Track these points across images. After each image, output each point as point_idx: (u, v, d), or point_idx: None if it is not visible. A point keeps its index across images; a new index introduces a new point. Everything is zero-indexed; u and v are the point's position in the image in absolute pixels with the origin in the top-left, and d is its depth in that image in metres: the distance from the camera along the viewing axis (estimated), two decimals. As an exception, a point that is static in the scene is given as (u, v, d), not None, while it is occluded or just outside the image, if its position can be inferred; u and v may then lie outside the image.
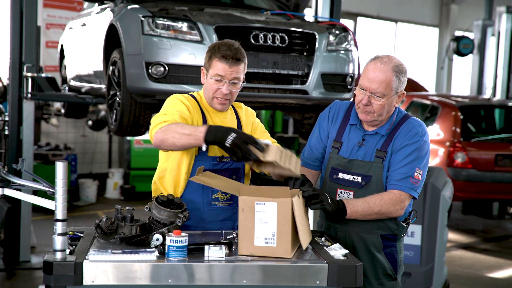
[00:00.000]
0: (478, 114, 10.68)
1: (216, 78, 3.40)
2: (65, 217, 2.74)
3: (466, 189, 9.28)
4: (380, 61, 3.33)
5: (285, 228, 2.88)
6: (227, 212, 3.54)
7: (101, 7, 7.00)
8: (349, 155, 3.47)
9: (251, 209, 2.91)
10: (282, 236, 2.89)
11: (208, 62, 3.44)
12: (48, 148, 11.04)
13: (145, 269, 2.72)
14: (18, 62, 7.17)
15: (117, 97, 6.07)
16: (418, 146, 3.38)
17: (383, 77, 3.30)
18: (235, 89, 3.46)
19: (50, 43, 11.83)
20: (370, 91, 3.32)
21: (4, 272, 7.05)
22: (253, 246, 2.91)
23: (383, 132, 3.44)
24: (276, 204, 2.89)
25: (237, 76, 3.43)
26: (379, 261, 3.47)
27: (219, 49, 3.41)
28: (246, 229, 2.92)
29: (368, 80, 3.32)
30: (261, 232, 2.90)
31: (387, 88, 3.31)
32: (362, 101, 3.35)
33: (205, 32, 5.62)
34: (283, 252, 2.89)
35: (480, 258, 8.52)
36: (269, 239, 2.90)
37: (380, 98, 3.32)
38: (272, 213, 2.89)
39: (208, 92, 3.48)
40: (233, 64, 3.40)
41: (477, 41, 14.80)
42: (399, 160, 3.37)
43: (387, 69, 3.31)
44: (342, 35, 6.23)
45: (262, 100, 5.92)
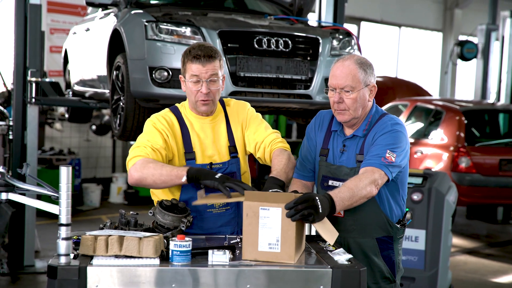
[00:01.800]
0: (482, 119, 10.66)
1: (192, 80, 3.41)
2: (69, 222, 2.74)
3: (470, 194, 9.26)
4: (342, 59, 3.41)
5: (289, 234, 2.87)
6: (224, 218, 3.54)
7: (104, 12, 7.02)
8: (335, 161, 3.48)
9: (255, 214, 2.90)
10: (286, 242, 2.88)
11: (183, 68, 3.47)
12: (52, 153, 11.05)
13: (149, 273, 2.72)
14: (22, 67, 7.19)
15: (121, 102, 6.08)
16: (389, 135, 3.35)
17: (348, 71, 3.35)
18: (214, 87, 3.45)
19: (54, 48, 11.86)
20: (339, 87, 3.36)
21: (8, 276, 7.05)
22: (257, 251, 2.90)
23: (360, 133, 3.45)
24: (281, 209, 2.88)
25: (214, 73, 3.42)
26: (376, 264, 3.47)
27: (190, 52, 3.43)
28: (250, 234, 2.91)
29: (335, 77, 3.38)
30: (265, 237, 2.89)
31: (354, 80, 3.35)
32: (334, 99, 3.39)
33: (209, 37, 5.63)
34: (286, 258, 2.88)
35: (485, 263, 8.50)
36: (273, 245, 2.89)
37: (349, 92, 3.36)
38: (277, 218, 2.88)
39: (190, 97, 3.49)
40: (206, 62, 3.39)
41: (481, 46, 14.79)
42: (375, 143, 3.36)
43: (349, 63, 3.37)
44: (346, 39, 6.23)
45: (266, 105, 5.93)
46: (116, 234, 2.81)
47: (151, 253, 2.77)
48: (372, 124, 3.44)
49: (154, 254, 2.77)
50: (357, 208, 3.32)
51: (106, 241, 2.79)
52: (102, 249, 2.79)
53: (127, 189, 11.92)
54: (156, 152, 3.36)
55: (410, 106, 10.76)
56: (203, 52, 3.39)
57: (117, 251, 2.78)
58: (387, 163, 3.28)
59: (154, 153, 3.36)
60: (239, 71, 5.67)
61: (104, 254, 2.79)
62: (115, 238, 2.78)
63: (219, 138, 3.57)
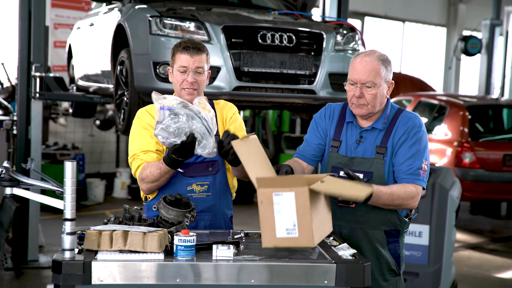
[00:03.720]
0: (486, 114, 10.65)
1: (180, 69, 3.54)
2: (74, 217, 2.75)
3: (474, 189, 9.26)
4: (364, 54, 3.43)
5: (306, 217, 2.83)
6: (204, 203, 3.57)
7: (109, 7, 7.02)
8: (348, 153, 3.50)
9: (269, 200, 2.87)
10: (303, 226, 2.84)
11: (172, 59, 3.59)
12: (56, 148, 11.07)
13: (153, 268, 2.73)
14: (26, 62, 7.19)
15: (124, 97, 6.08)
16: (418, 137, 3.43)
17: (371, 67, 3.38)
18: (199, 78, 3.56)
19: (58, 43, 11.86)
20: (361, 83, 3.38)
21: (12, 271, 7.07)
22: (276, 238, 2.87)
23: (379, 126, 3.48)
24: (294, 193, 2.85)
25: (200, 65, 3.54)
26: (383, 256, 3.49)
27: (180, 45, 3.57)
28: (267, 221, 2.89)
29: (357, 72, 3.39)
30: (282, 223, 2.86)
31: (377, 77, 3.38)
32: (355, 94, 3.41)
33: (213, 32, 5.63)
34: (306, 242, 2.85)
35: (488, 259, 8.50)
36: (290, 230, 2.86)
37: (371, 88, 3.39)
38: (291, 203, 2.85)
39: (176, 86, 3.60)
40: (194, 53, 3.53)
41: (485, 41, 14.77)
42: (404, 154, 3.40)
43: (372, 59, 3.39)
44: (350, 34, 6.22)
45: (270, 100, 5.93)
46: (121, 229, 2.82)
47: (156, 248, 2.78)
48: (391, 118, 3.49)
49: (158, 249, 2.78)
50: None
51: (111, 236, 2.79)
52: (107, 244, 2.79)
53: (131, 184, 11.93)
54: (148, 153, 3.55)
55: (414, 101, 10.75)
56: (192, 45, 3.54)
57: (121, 246, 2.78)
58: (424, 175, 3.39)
59: (147, 155, 3.55)
60: (243, 66, 5.67)
61: (109, 249, 2.79)
62: (120, 233, 2.79)
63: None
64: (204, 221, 3.59)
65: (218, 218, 3.65)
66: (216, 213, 3.63)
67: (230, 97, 5.70)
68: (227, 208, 3.70)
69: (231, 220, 3.73)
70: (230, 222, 3.72)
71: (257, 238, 3.28)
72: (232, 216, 3.76)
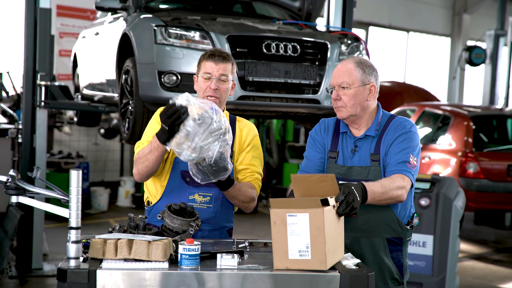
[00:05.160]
0: (490, 124, 10.64)
1: (204, 76, 3.56)
2: (79, 225, 2.75)
3: (478, 199, 9.25)
4: (342, 61, 3.59)
5: (319, 239, 2.81)
6: (204, 214, 3.56)
7: (114, 16, 7.05)
8: (345, 163, 3.52)
9: (283, 221, 2.85)
10: (316, 248, 2.82)
11: (198, 67, 3.63)
12: (61, 156, 11.09)
13: (158, 277, 2.73)
14: (31, 70, 7.22)
15: (129, 106, 6.10)
16: (407, 136, 3.45)
17: (345, 69, 3.48)
18: (223, 86, 3.58)
19: (63, 51, 11.91)
20: (337, 85, 3.48)
21: (16, 279, 7.08)
22: (288, 259, 2.85)
23: (372, 133, 3.50)
24: (308, 215, 2.82)
25: (224, 73, 3.57)
26: (386, 265, 3.49)
27: (206, 53, 3.63)
28: (279, 242, 2.86)
29: (333, 76, 3.52)
30: (294, 244, 2.84)
31: (351, 77, 3.45)
32: (332, 96, 3.50)
33: (218, 41, 5.65)
34: (318, 264, 2.82)
35: (493, 269, 8.48)
36: (303, 252, 2.84)
37: (346, 89, 3.45)
38: (305, 224, 2.83)
39: (199, 93, 3.62)
40: (219, 61, 3.57)
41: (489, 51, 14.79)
42: (393, 150, 3.43)
43: (348, 62, 3.51)
44: (354, 44, 6.24)
45: (274, 109, 5.94)
46: (125, 237, 2.83)
47: (160, 257, 2.78)
48: (383, 124, 3.52)
49: (163, 258, 2.78)
50: (370, 207, 3.36)
51: (116, 244, 2.80)
52: (112, 253, 2.80)
53: (135, 193, 11.94)
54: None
55: (418, 111, 10.76)
56: (218, 53, 3.59)
57: (126, 255, 2.79)
58: (412, 169, 3.39)
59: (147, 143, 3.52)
60: (247, 75, 5.69)
61: (113, 257, 2.80)
62: (124, 241, 2.80)
63: None
64: (202, 231, 3.58)
65: (216, 230, 3.65)
66: (214, 225, 3.63)
67: (235, 106, 5.71)
68: (227, 221, 3.70)
69: (229, 232, 3.73)
70: (228, 235, 3.72)
71: (261, 247, 3.28)
72: (232, 228, 3.76)
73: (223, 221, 3.67)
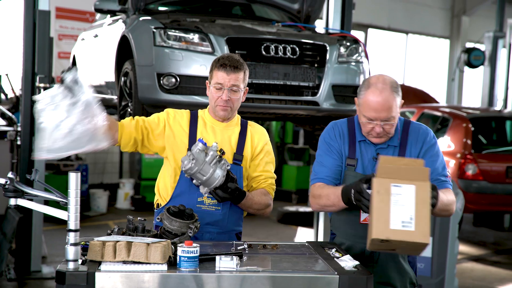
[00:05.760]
0: (489, 126, 10.65)
1: (216, 86, 3.59)
2: (78, 228, 2.75)
3: (477, 201, 9.25)
4: (377, 88, 3.33)
5: (424, 212, 2.79)
6: (212, 216, 3.58)
7: (113, 19, 7.05)
8: (366, 171, 3.46)
9: (386, 191, 2.83)
10: (420, 220, 2.80)
11: (210, 74, 3.65)
12: (59, 159, 11.08)
13: (157, 279, 2.73)
14: (30, 72, 7.21)
15: (128, 108, 6.10)
16: (436, 148, 3.48)
17: (388, 104, 3.32)
18: (234, 96, 3.61)
19: (63, 54, 11.91)
20: (381, 120, 3.34)
21: (15, 282, 7.07)
22: (389, 229, 2.82)
23: (394, 143, 3.47)
24: (414, 187, 2.81)
25: (236, 83, 3.59)
26: (406, 271, 3.50)
27: (218, 61, 3.62)
28: (381, 211, 2.84)
29: (375, 111, 3.32)
30: (398, 215, 2.81)
31: (394, 110, 3.34)
32: (375, 130, 3.36)
33: (217, 44, 5.65)
34: (421, 237, 2.80)
35: (492, 271, 8.48)
36: (406, 223, 2.82)
37: (391, 122, 3.36)
38: (410, 196, 2.81)
39: (211, 102, 3.66)
40: (230, 72, 3.57)
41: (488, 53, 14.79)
42: (432, 162, 3.42)
43: (387, 94, 3.32)
44: (353, 46, 6.24)
45: (273, 111, 5.95)
46: (124, 240, 2.83)
47: (159, 259, 2.78)
48: (401, 131, 3.50)
49: (161, 260, 2.79)
50: None
51: (114, 247, 2.80)
52: (110, 255, 2.80)
53: (134, 195, 11.94)
54: (132, 119, 3.63)
55: (417, 113, 10.76)
56: (230, 62, 3.58)
57: (125, 257, 2.79)
58: (451, 182, 3.46)
59: (131, 119, 3.63)
60: (246, 77, 5.68)
61: (112, 259, 2.80)
62: (123, 244, 2.80)
63: (227, 142, 3.68)
64: (210, 233, 3.60)
65: (225, 233, 3.65)
66: (222, 228, 3.64)
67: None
68: (236, 225, 3.70)
69: (238, 236, 3.73)
70: (237, 238, 3.72)
71: (260, 249, 3.28)
72: (241, 232, 3.77)
73: (231, 224, 3.67)
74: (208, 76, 3.70)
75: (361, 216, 3.45)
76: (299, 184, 12.96)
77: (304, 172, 12.87)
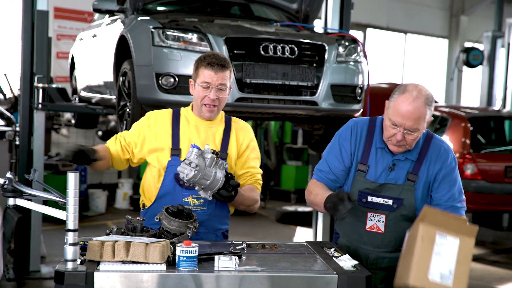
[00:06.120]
0: (488, 126, 10.65)
1: (203, 85, 3.57)
2: (77, 227, 2.76)
3: (476, 200, 9.24)
4: (411, 95, 3.28)
5: (464, 269, 2.76)
6: (199, 217, 3.56)
7: (111, 19, 7.05)
8: (378, 179, 3.43)
9: (431, 239, 2.79)
10: (459, 276, 2.77)
11: (195, 72, 3.63)
12: (58, 159, 11.08)
13: (156, 279, 2.73)
14: (29, 73, 7.21)
15: (127, 108, 6.10)
16: (456, 172, 3.44)
17: (417, 114, 3.26)
18: (222, 95, 3.61)
19: (61, 54, 11.90)
20: (405, 128, 3.28)
21: (14, 281, 7.07)
22: (427, 279, 2.79)
23: (413, 157, 3.43)
24: (459, 241, 2.78)
25: (223, 82, 3.58)
26: None
27: (204, 59, 3.60)
28: (422, 259, 2.80)
29: (402, 117, 3.27)
30: (437, 266, 2.78)
31: (421, 123, 3.28)
32: (396, 137, 3.31)
33: (215, 44, 5.65)
34: None
35: (490, 270, 8.48)
36: (445, 276, 2.78)
37: (414, 133, 3.30)
38: (453, 249, 2.78)
39: (196, 101, 3.64)
40: (218, 70, 3.56)
41: (487, 53, 14.79)
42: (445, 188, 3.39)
43: (420, 104, 3.26)
44: (352, 46, 6.24)
45: (272, 111, 5.94)
46: (123, 239, 2.83)
47: (158, 259, 2.78)
48: (423, 145, 3.44)
49: (160, 260, 2.79)
50: (398, 225, 3.38)
51: (113, 246, 2.80)
52: (109, 255, 2.80)
53: (132, 195, 11.93)
54: (116, 140, 3.78)
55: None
56: (217, 61, 3.56)
57: (123, 257, 2.79)
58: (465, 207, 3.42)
59: (115, 141, 3.78)
60: (245, 77, 5.68)
61: (111, 259, 2.80)
62: (122, 243, 2.80)
63: (211, 140, 3.69)
64: (196, 234, 3.57)
65: (210, 232, 3.67)
66: (208, 228, 3.65)
67: (233, 108, 5.71)
68: (222, 223, 3.72)
69: (225, 234, 3.74)
70: (224, 237, 3.73)
71: (259, 249, 3.28)
72: (228, 230, 3.77)
73: (217, 224, 3.68)
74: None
75: (367, 223, 3.45)
76: (297, 184, 12.96)
77: (303, 172, 12.86)
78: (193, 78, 3.64)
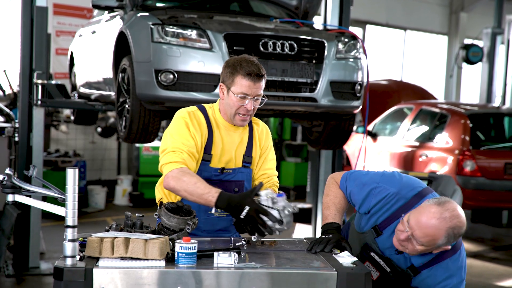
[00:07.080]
0: (487, 122, 10.65)
1: (241, 95, 3.43)
2: (76, 224, 2.75)
3: (475, 197, 9.25)
4: (440, 213, 3.02)
5: None
6: (223, 222, 3.56)
7: (111, 15, 7.04)
8: (386, 252, 3.32)
9: None
10: None
11: (230, 79, 3.45)
12: (58, 155, 11.08)
13: (155, 275, 2.73)
14: (28, 69, 7.20)
15: (126, 104, 6.09)
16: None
17: (433, 233, 3.03)
18: (257, 104, 3.51)
19: (60, 50, 11.89)
20: (413, 235, 3.06)
21: (13, 278, 7.07)
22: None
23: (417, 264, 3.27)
24: None
25: (260, 92, 3.48)
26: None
27: (241, 66, 3.43)
28: None
29: (417, 224, 3.04)
30: None
31: (431, 243, 3.06)
32: (400, 237, 3.11)
33: (215, 40, 5.64)
34: None
35: (489, 267, 8.49)
36: None
37: (419, 246, 3.09)
38: None
39: (230, 109, 3.50)
40: (257, 80, 3.44)
41: (486, 49, 14.79)
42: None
43: (442, 226, 3.01)
44: (351, 43, 6.23)
45: (271, 108, 5.94)
46: (122, 236, 2.82)
47: (157, 255, 2.78)
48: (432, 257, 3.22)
49: (159, 256, 2.78)
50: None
51: (112, 243, 2.80)
52: (108, 251, 2.80)
53: (132, 191, 11.93)
54: (191, 157, 3.42)
55: (415, 110, 10.76)
56: (255, 70, 3.43)
57: (123, 253, 2.79)
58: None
59: (190, 158, 3.41)
60: (244, 74, 5.67)
61: (110, 256, 2.80)
62: (121, 240, 2.79)
63: (241, 145, 3.63)
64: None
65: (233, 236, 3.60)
66: (231, 232, 3.62)
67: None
68: None
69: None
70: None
71: (258, 246, 3.28)
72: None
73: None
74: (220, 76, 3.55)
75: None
76: (297, 181, 12.95)
77: (302, 169, 12.86)
78: (227, 84, 3.47)
